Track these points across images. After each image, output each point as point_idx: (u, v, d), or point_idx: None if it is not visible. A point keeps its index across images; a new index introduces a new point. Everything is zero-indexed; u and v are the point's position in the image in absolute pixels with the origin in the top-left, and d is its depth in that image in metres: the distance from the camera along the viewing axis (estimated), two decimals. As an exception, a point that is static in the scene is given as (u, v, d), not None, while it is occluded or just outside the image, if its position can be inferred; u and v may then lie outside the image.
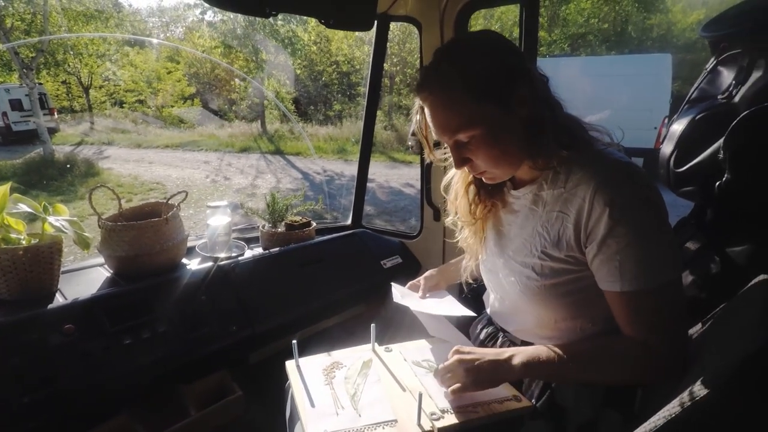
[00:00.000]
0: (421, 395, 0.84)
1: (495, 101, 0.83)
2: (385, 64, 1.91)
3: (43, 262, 1.20)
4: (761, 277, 0.76)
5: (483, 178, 0.95)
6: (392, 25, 1.80)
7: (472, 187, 1.05)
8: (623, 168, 0.80)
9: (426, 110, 0.90)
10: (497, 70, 0.83)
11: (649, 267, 0.77)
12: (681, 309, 0.81)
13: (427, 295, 1.29)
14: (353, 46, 15.62)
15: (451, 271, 1.33)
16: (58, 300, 1.22)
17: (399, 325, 1.33)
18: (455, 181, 1.09)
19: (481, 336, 1.14)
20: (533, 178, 0.93)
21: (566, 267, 0.86)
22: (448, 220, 1.16)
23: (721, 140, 0.89)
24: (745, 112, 0.84)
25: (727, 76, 1.00)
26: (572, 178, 0.84)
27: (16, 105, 12.55)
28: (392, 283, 1.33)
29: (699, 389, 0.65)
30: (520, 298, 0.95)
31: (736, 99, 0.95)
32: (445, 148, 0.96)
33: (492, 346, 1.08)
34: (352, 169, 9.77)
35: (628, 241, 0.77)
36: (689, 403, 0.64)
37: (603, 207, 0.78)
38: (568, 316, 0.91)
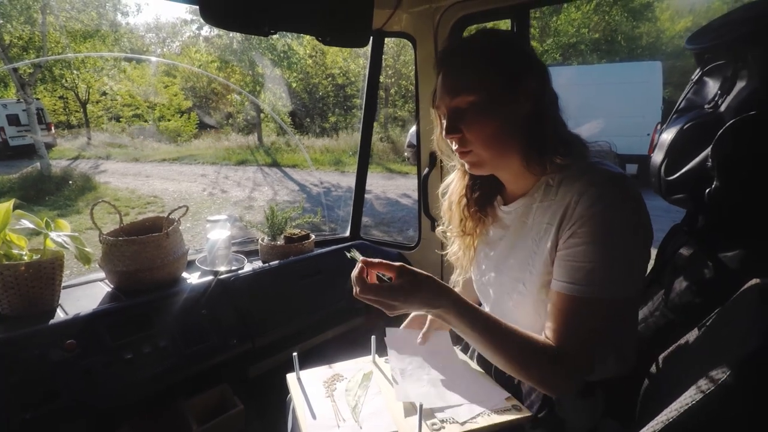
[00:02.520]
0: (421, 406, 0.84)
1: (503, 75, 0.84)
2: (380, 77, 1.94)
3: (44, 278, 1.21)
4: (753, 281, 0.77)
5: (467, 163, 0.93)
6: (387, 39, 1.83)
7: (464, 200, 1.04)
8: (614, 178, 0.80)
9: (440, 77, 0.90)
10: (517, 53, 0.87)
11: (602, 277, 0.77)
12: (614, 329, 0.81)
13: (428, 357, 1.08)
14: (348, 59, 15.78)
15: None
16: (59, 315, 1.23)
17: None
18: (451, 190, 1.09)
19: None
20: (525, 191, 0.93)
21: None
22: (439, 230, 1.16)
23: (709, 148, 0.91)
24: (731, 121, 0.87)
25: (713, 86, 1.03)
26: (561, 190, 0.84)
27: (13, 120, 12.58)
28: (387, 329, 1.12)
29: (695, 394, 0.66)
30: (512, 312, 0.95)
31: (722, 108, 0.97)
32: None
33: (480, 361, 1.09)
34: (348, 181, 9.82)
35: (589, 243, 0.77)
36: (686, 408, 0.66)
37: (581, 209, 0.78)
38: None
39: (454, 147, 0.92)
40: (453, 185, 1.08)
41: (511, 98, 0.85)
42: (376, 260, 0.88)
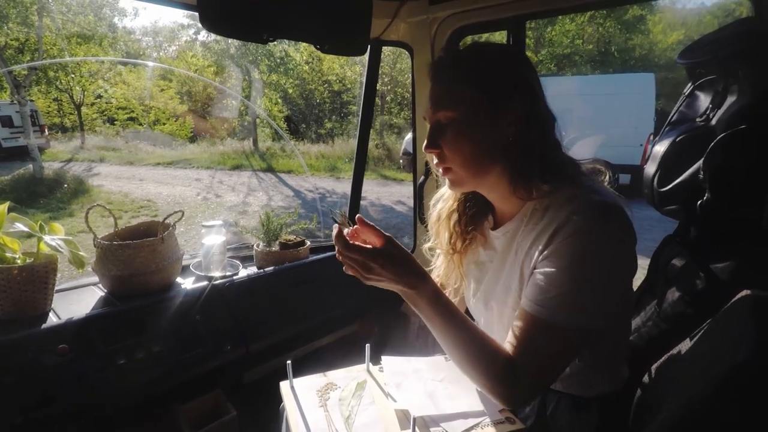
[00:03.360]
0: (415, 420, 0.84)
1: (488, 95, 0.82)
2: (377, 85, 1.96)
3: (37, 282, 1.20)
4: (744, 292, 0.78)
5: (447, 179, 0.91)
6: (384, 47, 1.85)
7: (454, 215, 1.02)
8: (600, 207, 0.77)
9: (430, 87, 0.89)
10: (507, 72, 0.84)
11: (568, 305, 0.75)
12: (570, 358, 0.80)
13: (423, 364, 1.08)
14: (345, 66, 15.85)
15: None
16: (52, 319, 1.22)
17: (393, 345, 1.33)
18: (441, 204, 1.06)
19: None
20: (512, 214, 0.91)
21: None
22: (426, 246, 1.13)
23: (701, 161, 0.93)
24: (722, 135, 0.89)
25: (704, 100, 1.06)
26: (548, 216, 0.81)
27: (6, 121, 12.49)
28: (383, 357, 1.11)
29: (688, 403, 0.67)
30: (504, 336, 0.92)
31: (713, 122, 0.99)
32: None
33: None
34: (343, 187, 9.82)
35: (562, 268, 0.75)
36: (677, 418, 0.67)
37: (563, 235, 0.76)
38: None
39: (434, 162, 0.91)
40: (445, 197, 1.05)
41: (494, 120, 0.83)
42: (369, 222, 0.84)
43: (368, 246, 0.81)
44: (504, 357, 0.79)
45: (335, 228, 0.83)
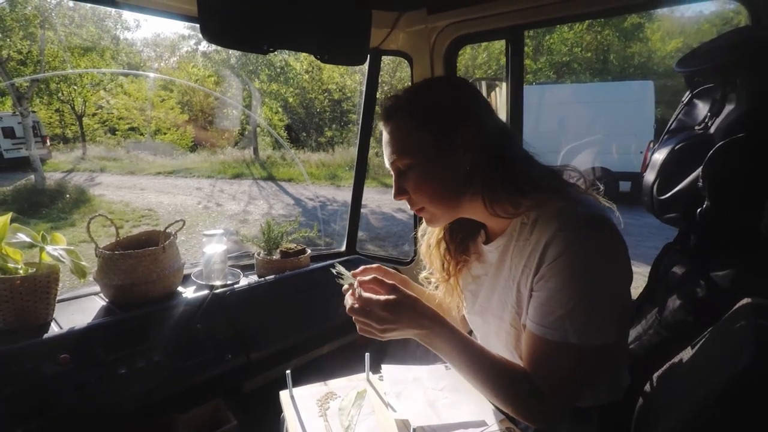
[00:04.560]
0: (414, 430, 0.84)
1: (435, 133, 0.84)
2: (377, 93, 1.98)
3: (39, 292, 1.20)
4: (744, 300, 0.78)
5: (424, 218, 0.94)
6: (384, 56, 1.86)
7: (442, 243, 1.03)
8: (588, 219, 0.77)
9: (383, 136, 0.92)
10: (446, 105, 0.86)
11: (575, 323, 0.75)
12: (588, 374, 0.80)
13: (423, 373, 1.09)
14: (345, 75, 15.94)
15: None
16: (54, 329, 1.22)
17: (393, 354, 1.32)
18: (429, 234, 1.08)
19: None
20: (503, 229, 0.91)
21: None
22: (422, 276, 1.14)
23: (700, 169, 0.93)
24: (720, 143, 0.89)
25: (703, 108, 1.06)
26: (537, 230, 0.81)
27: (8, 132, 12.56)
28: (383, 366, 1.12)
29: (689, 411, 0.67)
30: (504, 350, 0.94)
31: (712, 130, 1.00)
32: None
33: None
34: (343, 195, 9.84)
35: (562, 287, 0.75)
36: (679, 427, 0.66)
37: (555, 252, 0.76)
38: None
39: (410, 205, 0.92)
40: (430, 228, 1.06)
41: (449, 154, 0.84)
42: (369, 277, 0.87)
43: (378, 297, 0.83)
44: (527, 382, 0.80)
45: (347, 287, 0.88)
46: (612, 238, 0.77)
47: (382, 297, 0.82)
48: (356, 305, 0.83)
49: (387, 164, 0.92)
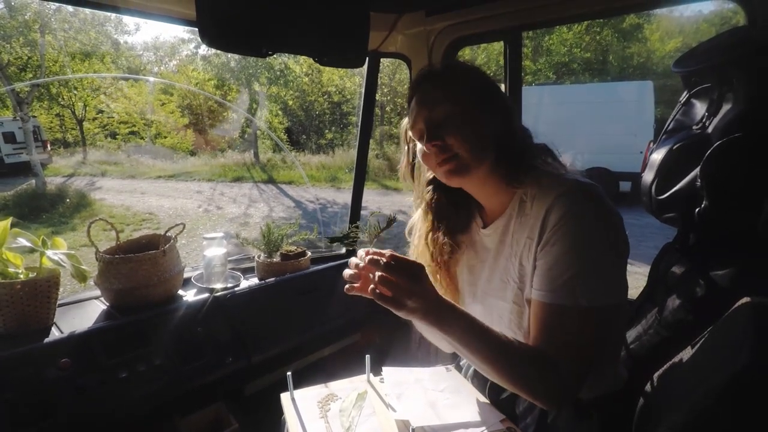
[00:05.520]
0: (414, 430, 0.84)
1: (476, 94, 0.90)
2: (376, 95, 1.98)
3: (40, 296, 1.20)
4: (744, 299, 0.79)
5: (447, 171, 0.90)
6: (383, 58, 1.87)
7: (430, 234, 1.04)
8: (585, 187, 0.82)
9: (415, 99, 0.93)
10: (485, 77, 0.94)
11: (583, 284, 0.77)
12: (603, 338, 0.81)
13: (424, 374, 1.09)
14: (344, 78, 15.98)
15: None
16: (54, 334, 1.22)
17: (394, 355, 1.33)
18: (417, 227, 1.09)
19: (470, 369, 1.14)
20: (502, 209, 0.95)
21: None
22: None
23: (698, 168, 0.93)
24: (718, 143, 0.90)
25: (700, 108, 1.06)
26: (536, 204, 0.86)
27: (9, 138, 12.57)
28: (384, 368, 1.12)
29: (689, 412, 0.67)
30: (508, 332, 0.93)
31: (710, 129, 1.00)
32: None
33: (477, 377, 1.09)
34: (344, 197, 9.84)
35: (566, 250, 0.78)
36: (679, 426, 0.66)
37: (556, 217, 0.80)
38: None
39: (436, 158, 0.90)
40: (418, 224, 1.09)
41: (484, 111, 0.89)
42: (387, 252, 0.80)
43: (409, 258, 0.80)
44: (542, 357, 0.80)
45: (361, 254, 0.81)
46: (608, 205, 0.81)
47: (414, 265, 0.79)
48: (389, 262, 0.76)
49: (419, 118, 0.91)
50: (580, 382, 0.80)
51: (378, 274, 0.76)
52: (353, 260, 0.85)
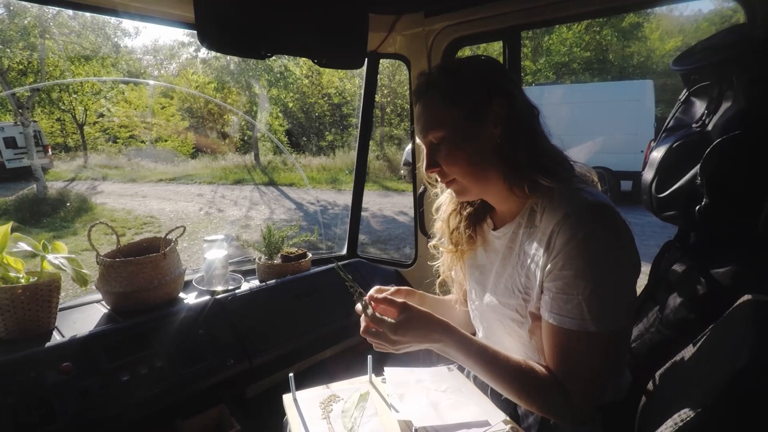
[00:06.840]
0: (417, 430, 0.84)
1: (464, 107, 0.88)
2: (375, 96, 1.98)
3: (41, 301, 1.21)
4: (745, 297, 0.78)
5: (453, 191, 0.97)
6: (382, 59, 1.87)
7: (454, 215, 1.08)
8: (594, 207, 0.80)
9: (416, 112, 0.95)
10: (474, 82, 0.89)
11: (590, 310, 0.77)
12: (611, 362, 0.81)
13: (426, 375, 1.09)
14: (344, 79, 15.99)
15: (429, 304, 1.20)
16: (56, 338, 1.22)
17: (396, 356, 1.32)
18: (443, 208, 1.12)
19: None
20: (513, 215, 0.95)
21: None
22: (431, 243, 1.17)
23: (698, 166, 0.93)
24: (718, 140, 0.89)
25: (700, 106, 1.06)
26: (545, 217, 0.84)
27: (10, 143, 12.58)
28: (386, 368, 1.11)
29: (691, 410, 0.67)
30: (505, 338, 0.95)
31: (709, 127, 0.99)
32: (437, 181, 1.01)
33: (477, 382, 1.08)
34: (344, 199, 9.85)
35: (576, 274, 0.77)
36: (681, 424, 0.66)
37: (563, 239, 0.78)
38: None
39: (438, 180, 0.97)
40: (446, 201, 1.11)
41: (479, 126, 0.88)
42: (381, 296, 0.92)
43: (389, 320, 0.87)
44: (549, 380, 0.81)
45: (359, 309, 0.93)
46: (619, 224, 0.79)
47: (393, 319, 0.86)
48: (371, 329, 0.88)
49: (419, 139, 0.96)
50: (592, 404, 0.81)
51: (363, 325, 0.90)
52: (358, 307, 0.94)
